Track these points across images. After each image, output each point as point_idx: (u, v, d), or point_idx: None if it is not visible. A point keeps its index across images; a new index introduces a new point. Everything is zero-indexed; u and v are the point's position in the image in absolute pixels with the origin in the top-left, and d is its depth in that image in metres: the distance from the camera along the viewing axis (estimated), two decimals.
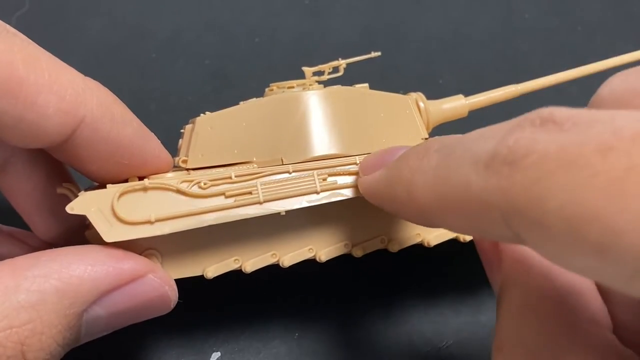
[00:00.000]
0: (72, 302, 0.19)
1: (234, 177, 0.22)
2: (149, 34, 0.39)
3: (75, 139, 0.21)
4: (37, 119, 0.20)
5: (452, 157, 0.16)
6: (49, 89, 0.20)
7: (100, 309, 0.20)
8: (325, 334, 0.28)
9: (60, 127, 0.20)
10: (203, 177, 0.22)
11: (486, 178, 0.14)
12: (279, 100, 0.25)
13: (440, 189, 0.16)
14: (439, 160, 0.16)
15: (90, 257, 0.20)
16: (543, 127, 0.14)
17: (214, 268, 0.23)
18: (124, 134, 0.22)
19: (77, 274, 0.19)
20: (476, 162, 0.15)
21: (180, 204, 0.21)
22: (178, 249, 0.23)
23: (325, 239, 0.24)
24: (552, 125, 0.13)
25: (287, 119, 0.24)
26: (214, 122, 0.24)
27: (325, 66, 0.26)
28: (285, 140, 0.24)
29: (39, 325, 0.18)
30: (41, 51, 0.21)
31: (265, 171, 0.23)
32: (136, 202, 0.21)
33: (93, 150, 0.22)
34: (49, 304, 0.18)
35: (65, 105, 0.20)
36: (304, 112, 0.24)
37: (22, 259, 0.19)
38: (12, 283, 0.18)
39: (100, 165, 0.22)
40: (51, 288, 0.18)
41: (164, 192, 0.21)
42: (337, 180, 0.23)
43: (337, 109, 0.25)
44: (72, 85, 0.21)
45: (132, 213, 0.21)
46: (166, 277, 0.22)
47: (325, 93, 0.25)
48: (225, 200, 0.22)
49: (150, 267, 0.21)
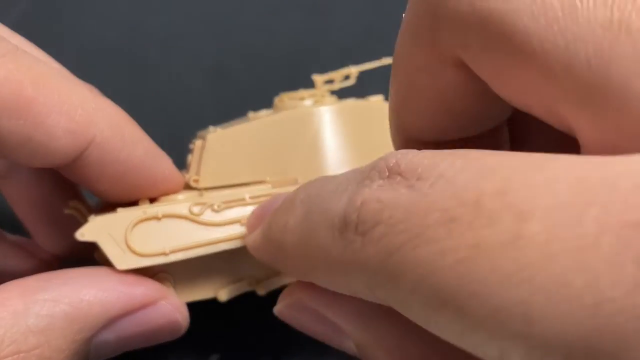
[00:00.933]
0: (81, 328, 0.18)
1: (248, 199, 0.22)
2: (148, 34, 0.39)
3: (84, 159, 0.21)
4: (46, 140, 0.19)
5: (311, 217, 0.15)
6: (59, 109, 0.19)
7: (109, 334, 0.20)
8: None
9: (69, 148, 0.20)
10: (216, 199, 0.22)
11: (342, 247, 0.13)
12: (291, 117, 0.24)
13: (305, 250, 0.15)
14: (302, 217, 0.16)
15: (102, 281, 0.19)
16: (390, 182, 0.13)
17: (227, 290, 0.23)
18: (134, 154, 0.22)
19: (87, 299, 0.19)
20: (331, 227, 0.14)
21: (195, 232, 0.21)
22: (191, 272, 0.23)
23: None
24: (400, 179, 0.12)
25: (300, 136, 0.24)
26: (225, 139, 0.24)
27: (336, 74, 0.26)
28: (299, 159, 0.24)
29: (46, 350, 0.17)
30: (52, 69, 0.20)
31: (278, 193, 0.22)
32: (149, 232, 0.21)
33: (102, 171, 0.21)
34: (57, 329, 0.18)
35: (75, 125, 0.20)
36: (318, 129, 0.24)
37: (32, 280, 0.19)
38: (21, 306, 0.18)
39: (110, 186, 0.22)
40: (61, 313, 0.18)
41: (178, 220, 0.21)
42: None
43: (351, 125, 0.24)
44: (82, 105, 0.20)
45: (145, 244, 0.21)
46: (178, 303, 0.21)
47: (338, 109, 0.24)
48: (241, 227, 0.21)
49: (163, 293, 0.21)
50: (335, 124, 0.24)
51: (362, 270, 0.13)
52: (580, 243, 0.09)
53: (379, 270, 0.12)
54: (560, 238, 0.10)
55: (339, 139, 0.24)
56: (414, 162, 0.12)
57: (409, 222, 0.11)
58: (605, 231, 0.09)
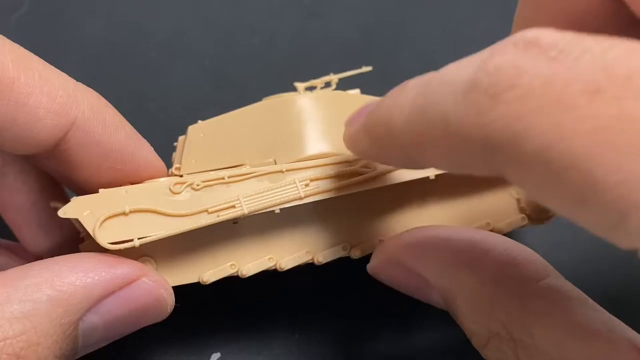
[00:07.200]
0: (66, 310, 0.18)
1: (227, 178, 0.22)
2: (149, 34, 0.39)
3: (66, 142, 0.21)
4: (29, 121, 0.20)
5: (429, 89, 0.15)
6: (40, 90, 0.20)
7: (96, 317, 0.20)
8: (325, 335, 0.28)
9: (52, 129, 0.20)
10: (196, 178, 0.22)
11: (465, 109, 0.13)
12: (271, 104, 0.25)
13: (418, 123, 0.15)
14: (416, 94, 0.15)
15: (83, 264, 0.20)
16: (527, 52, 0.13)
17: (210, 274, 0.23)
18: (116, 137, 0.22)
19: (69, 281, 0.19)
20: (454, 92, 0.14)
21: (165, 224, 0.21)
22: (172, 256, 0.23)
23: (322, 242, 0.24)
24: (537, 51, 0.12)
25: (279, 121, 0.24)
26: (206, 129, 0.25)
27: (317, 81, 0.27)
28: (277, 142, 0.24)
29: (33, 335, 0.17)
30: (31, 54, 0.21)
31: (258, 170, 0.23)
32: (120, 224, 0.21)
33: (85, 155, 0.22)
34: (42, 313, 0.18)
35: (57, 106, 0.20)
36: (296, 114, 0.24)
37: (12, 270, 0.19)
38: (3, 295, 0.18)
39: (93, 171, 0.22)
40: (44, 297, 0.18)
41: (159, 198, 0.22)
42: (320, 185, 0.23)
43: (328, 111, 0.25)
44: (63, 86, 0.21)
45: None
46: (161, 280, 0.21)
47: (317, 96, 0.25)
48: (209, 215, 0.22)
49: (144, 271, 0.21)
50: (313, 109, 0.25)
51: (483, 135, 0.13)
52: None
53: (504, 133, 0.12)
54: None
55: (316, 122, 0.24)
56: (556, 37, 0.12)
57: (548, 88, 0.11)
58: None
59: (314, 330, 0.28)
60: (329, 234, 0.24)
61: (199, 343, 0.27)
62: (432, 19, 0.40)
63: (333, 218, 0.24)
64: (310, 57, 0.29)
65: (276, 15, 0.40)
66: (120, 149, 0.22)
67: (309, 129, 0.24)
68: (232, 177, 0.22)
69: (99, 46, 0.39)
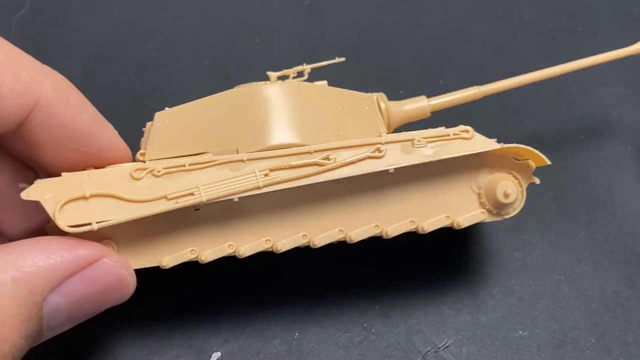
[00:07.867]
0: (30, 291, 0.19)
1: (188, 166, 0.23)
2: (149, 34, 0.39)
3: (30, 122, 0.21)
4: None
5: None
6: (4, 70, 0.20)
7: (60, 298, 0.20)
8: (325, 334, 0.28)
9: (15, 109, 0.21)
10: (157, 165, 0.23)
11: None
12: (238, 92, 0.25)
13: None
14: None
15: (46, 246, 0.20)
16: None
17: (169, 258, 0.23)
18: (79, 119, 0.22)
19: (33, 262, 0.19)
20: None
21: (124, 209, 0.22)
22: (134, 240, 0.23)
23: (283, 230, 0.25)
24: None
25: (244, 110, 0.25)
26: (172, 116, 0.25)
27: (289, 71, 0.27)
28: (241, 131, 0.24)
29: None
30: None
31: (219, 159, 0.23)
32: (80, 208, 0.21)
33: (48, 135, 0.22)
34: (7, 294, 0.18)
35: (20, 86, 0.20)
36: (262, 103, 0.25)
37: None
38: None
39: (57, 152, 0.22)
40: (8, 278, 0.18)
41: (110, 199, 0.22)
42: (280, 175, 0.23)
43: (294, 102, 0.25)
44: (27, 67, 0.21)
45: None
46: (122, 261, 0.22)
47: (283, 86, 0.25)
48: (168, 202, 0.22)
49: (106, 252, 0.21)
50: (279, 99, 0.25)
51: None
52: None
53: None
54: None
55: (281, 112, 0.24)
56: None
57: None
58: None
59: (314, 329, 0.28)
60: (289, 223, 0.24)
61: (199, 342, 0.27)
62: (431, 19, 0.40)
63: (294, 207, 0.25)
64: (310, 57, 0.30)
65: (276, 15, 0.40)
66: (84, 130, 0.22)
67: (274, 119, 0.24)
68: (193, 165, 0.23)
69: (99, 46, 0.39)
